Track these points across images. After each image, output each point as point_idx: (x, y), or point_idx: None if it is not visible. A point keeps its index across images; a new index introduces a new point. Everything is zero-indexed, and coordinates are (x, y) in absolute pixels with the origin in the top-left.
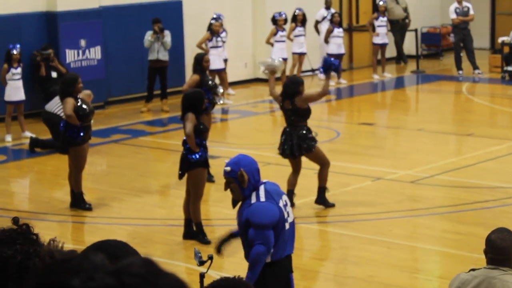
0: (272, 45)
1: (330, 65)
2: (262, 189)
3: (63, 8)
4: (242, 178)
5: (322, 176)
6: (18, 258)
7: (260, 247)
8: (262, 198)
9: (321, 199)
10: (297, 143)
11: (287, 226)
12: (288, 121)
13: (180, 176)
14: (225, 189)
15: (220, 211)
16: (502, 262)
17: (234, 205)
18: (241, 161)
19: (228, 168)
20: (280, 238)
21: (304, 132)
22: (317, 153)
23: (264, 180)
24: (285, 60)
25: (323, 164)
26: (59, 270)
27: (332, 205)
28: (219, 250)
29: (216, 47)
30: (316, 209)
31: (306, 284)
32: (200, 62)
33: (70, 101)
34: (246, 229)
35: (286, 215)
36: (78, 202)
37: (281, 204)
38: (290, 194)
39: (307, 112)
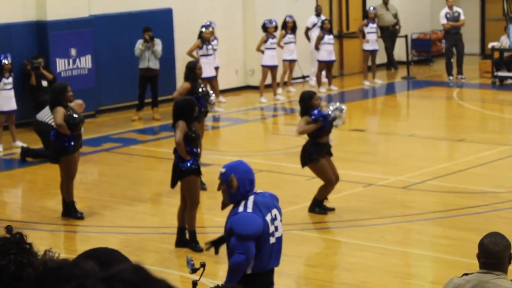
0: (262, 52)
1: (320, 119)
2: (251, 199)
3: (53, 18)
4: (231, 184)
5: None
6: (12, 268)
7: (239, 256)
8: (249, 209)
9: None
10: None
11: (272, 240)
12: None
13: (172, 185)
14: (218, 189)
15: (212, 218)
16: (495, 267)
17: (223, 207)
18: (237, 167)
19: (223, 170)
20: (263, 251)
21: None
22: (318, 168)
23: (259, 191)
24: (275, 67)
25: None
26: (50, 278)
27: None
28: (216, 251)
29: (207, 55)
30: (307, 215)
31: None
32: (193, 70)
33: (60, 110)
34: (229, 236)
35: (272, 229)
36: (70, 211)
37: (268, 217)
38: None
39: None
